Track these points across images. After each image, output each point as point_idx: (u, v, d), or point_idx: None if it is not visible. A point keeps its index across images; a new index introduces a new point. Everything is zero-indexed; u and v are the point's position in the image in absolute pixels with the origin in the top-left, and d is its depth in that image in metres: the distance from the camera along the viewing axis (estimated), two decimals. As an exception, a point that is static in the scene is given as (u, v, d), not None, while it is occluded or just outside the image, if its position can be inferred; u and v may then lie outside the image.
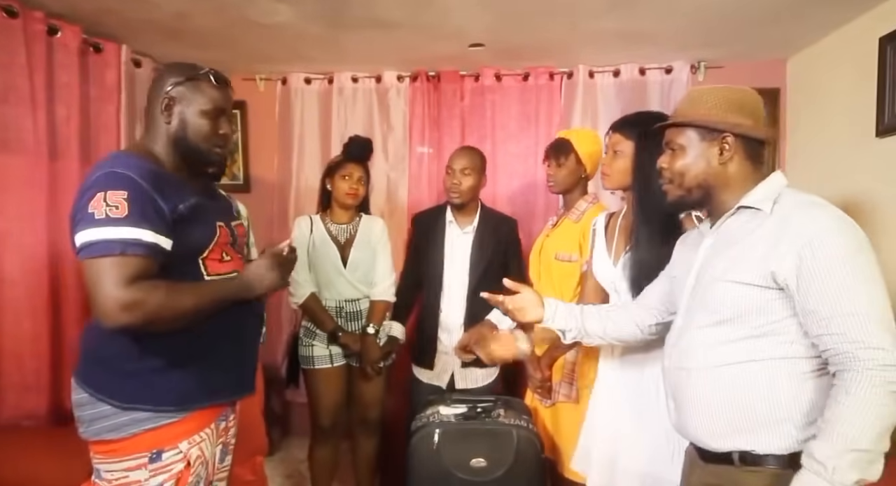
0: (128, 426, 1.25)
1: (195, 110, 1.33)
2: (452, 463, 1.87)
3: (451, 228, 2.32)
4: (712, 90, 1.24)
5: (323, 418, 2.34)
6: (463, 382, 2.28)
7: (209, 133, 1.35)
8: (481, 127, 3.07)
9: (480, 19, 2.35)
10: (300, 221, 2.37)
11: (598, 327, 1.49)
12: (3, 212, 2.13)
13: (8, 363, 2.14)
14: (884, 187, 2.18)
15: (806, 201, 1.13)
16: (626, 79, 2.94)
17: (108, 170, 1.21)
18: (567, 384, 1.97)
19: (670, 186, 1.27)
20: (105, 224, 1.16)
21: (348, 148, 2.36)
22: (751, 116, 1.20)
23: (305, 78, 3.11)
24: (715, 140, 1.20)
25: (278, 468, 2.92)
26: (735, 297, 1.13)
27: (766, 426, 1.12)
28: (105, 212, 1.16)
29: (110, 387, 1.26)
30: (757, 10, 2.24)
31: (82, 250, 1.17)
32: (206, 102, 1.34)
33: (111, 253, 1.15)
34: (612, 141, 1.66)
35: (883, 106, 2.16)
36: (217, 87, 1.36)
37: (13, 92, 2.12)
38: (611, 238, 1.72)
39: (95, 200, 1.17)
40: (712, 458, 1.20)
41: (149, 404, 1.26)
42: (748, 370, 1.13)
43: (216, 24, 2.40)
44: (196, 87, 1.34)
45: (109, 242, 1.16)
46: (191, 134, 1.33)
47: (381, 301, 2.38)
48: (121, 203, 1.17)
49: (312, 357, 2.32)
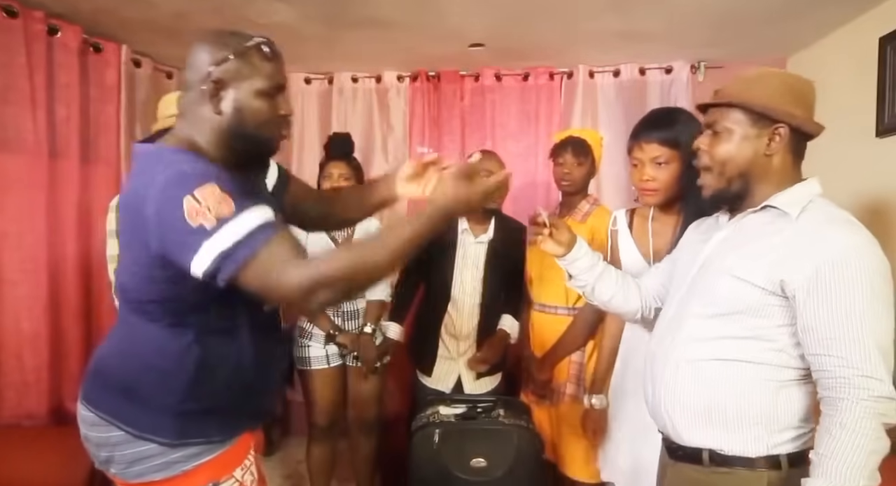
0: (179, 463, 1.11)
1: (250, 91, 1.08)
2: (452, 463, 1.87)
3: (465, 236, 2.23)
4: (771, 74, 1.15)
5: (320, 418, 2.33)
6: (470, 387, 2.23)
7: (271, 116, 1.11)
8: (481, 127, 3.07)
9: (480, 19, 2.35)
10: None
11: (607, 294, 1.43)
12: (3, 212, 2.13)
13: (8, 363, 2.14)
14: (884, 187, 2.18)
15: (839, 217, 1.08)
16: (626, 79, 2.93)
17: (176, 171, 0.98)
18: (573, 384, 1.97)
19: (709, 175, 1.17)
20: (219, 228, 0.94)
21: (328, 146, 2.36)
22: (806, 108, 1.13)
23: (305, 78, 3.11)
24: (766, 128, 1.11)
25: (277, 467, 2.92)
26: (735, 293, 1.10)
27: (738, 426, 1.11)
28: (212, 216, 0.93)
29: (156, 425, 1.09)
30: (757, 9, 2.24)
31: (222, 270, 0.95)
32: (262, 79, 1.08)
33: (253, 251, 0.95)
34: (649, 153, 1.53)
35: (883, 106, 2.16)
36: (271, 58, 1.11)
37: (13, 92, 2.12)
38: (641, 239, 1.67)
39: (188, 209, 0.93)
40: (682, 455, 1.19)
41: (201, 437, 1.12)
42: (730, 369, 1.12)
43: (216, 24, 2.39)
44: (247, 62, 1.07)
45: (242, 243, 0.94)
46: (250, 121, 1.09)
47: (378, 300, 2.37)
48: (217, 198, 0.94)
49: (308, 358, 2.30)
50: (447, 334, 2.26)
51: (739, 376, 1.11)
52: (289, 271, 0.95)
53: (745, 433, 1.10)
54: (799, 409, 1.11)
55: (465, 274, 2.23)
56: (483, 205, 1.17)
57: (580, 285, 1.44)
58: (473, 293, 2.23)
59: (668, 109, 1.77)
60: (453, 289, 2.24)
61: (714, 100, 1.17)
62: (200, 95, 1.07)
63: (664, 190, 1.55)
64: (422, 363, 2.29)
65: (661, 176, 1.53)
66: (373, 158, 3.12)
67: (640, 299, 1.44)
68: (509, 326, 2.23)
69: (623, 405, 1.69)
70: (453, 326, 2.24)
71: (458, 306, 2.24)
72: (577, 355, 1.97)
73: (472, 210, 1.13)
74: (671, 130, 1.53)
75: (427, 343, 2.27)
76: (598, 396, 1.74)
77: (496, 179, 1.12)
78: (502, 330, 2.22)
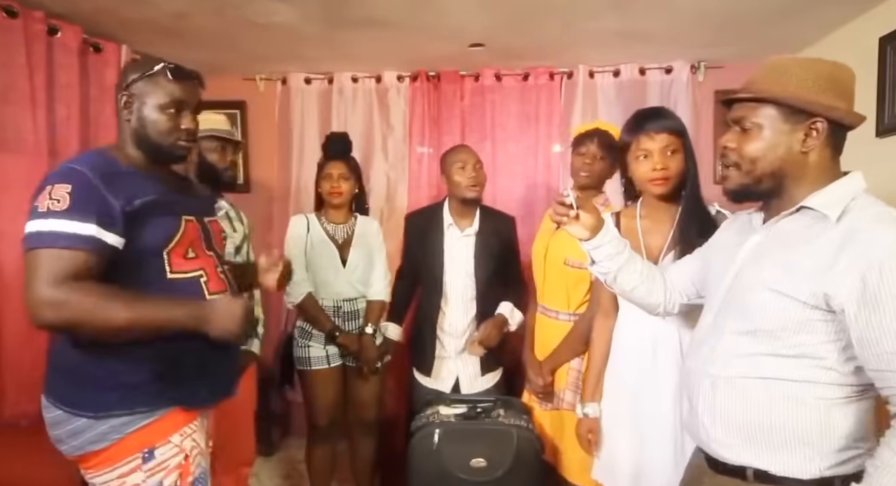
0: (110, 433, 1.23)
1: (152, 105, 1.31)
2: (452, 463, 1.87)
3: (451, 231, 2.24)
4: (802, 62, 1.03)
5: (320, 418, 2.33)
6: (469, 387, 2.23)
7: (169, 128, 1.32)
8: (481, 127, 3.07)
9: (480, 19, 2.35)
10: (295, 220, 2.36)
11: (630, 284, 1.36)
12: (3, 212, 2.13)
13: (8, 363, 2.14)
14: (884, 188, 2.17)
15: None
16: (625, 79, 2.94)
17: (64, 165, 1.23)
18: (572, 392, 1.95)
19: (734, 171, 1.08)
20: (45, 216, 1.16)
21: (326, 146, 2.35)
22: (844, 98, 1.02)
23: (305, 78, 3.11)
24: (801, 123, 1.01)
25: (277, 468, 2.92)
26: (776, 310, 1.01)
27: (787, 448, 1.02)
28: (47, 205, 1.16)
29: (82, 401, 1.23)
30: (757, 10, 2.24)
31: (24, 243, 1.19)
32: (162, 96, 1.31)
33: (46, 245, 1.15)
34: (660, 143, 1.52)
35: (883, 106, 2.16)
36: (175, 81, 1.32)
37: (13, 92, 2.12)
38: (631, 239, 1.61)
39: (43, 193, 1.18)
40: (724, 470, 1.11)
41: (124, 408, 1.23)
42: (774, 388, 1.03)
43: (216, 24, 2.40)
44: (153, 81, 1.31)
45: (45, 234, 1.16)
46: (150, 130, 1.32)
47: (378, 301, 2.38)
48: (63, 196, 1.16)
49: (309, 358, 2.30)
50: (443, 333, 2.25)
51: (785, 396, 1.02)
52: (42, 282, 1.15)
53: (793, 455, 1.02)
54: (854, 429, 1.01)
55: (455, 269, 2.23)
56: (233, 340, 1.29)
57: (602, 271, 1.37)
58: (465, 288, 2.22)
59: (658, 106, 1.76)
60: (445, 285, 2.23)
61: (742, 93, 1.07)
62: (120, 107, 1.34)
63: (673, 179, 1.55)
64: (421, 363, 2.28)
65: (672, 165, 1.53)
66: (373, 158, 3.12)
67: (663, 293, 1.38)
68: (507, 311, 2.21)
69: (621, 410, 1.67)
70: (448, 323, 2.24)
71: (450, 303, 2.23)
72: (576, 362, 1.94)
73: (222, 336, 1.25)
74: (675, 119, 1.56)
75: (425, 343, 2.26)
76: (591, 404, 1.72)
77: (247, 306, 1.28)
78: (500, 314, 2.20)
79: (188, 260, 1.32)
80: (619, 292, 1.42)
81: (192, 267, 1.32)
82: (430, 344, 2.25)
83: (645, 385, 1.60)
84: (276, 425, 3.12)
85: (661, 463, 1.57)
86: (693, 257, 1.38)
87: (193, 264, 1.33)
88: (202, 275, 1.33)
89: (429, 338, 2.25)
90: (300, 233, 2.30)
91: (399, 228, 3.11)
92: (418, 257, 2.31)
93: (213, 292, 1.34)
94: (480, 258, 2.21)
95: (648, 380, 1.59)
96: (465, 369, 2.23)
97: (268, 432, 2.93)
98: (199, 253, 1.35)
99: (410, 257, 2.39)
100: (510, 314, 2.21)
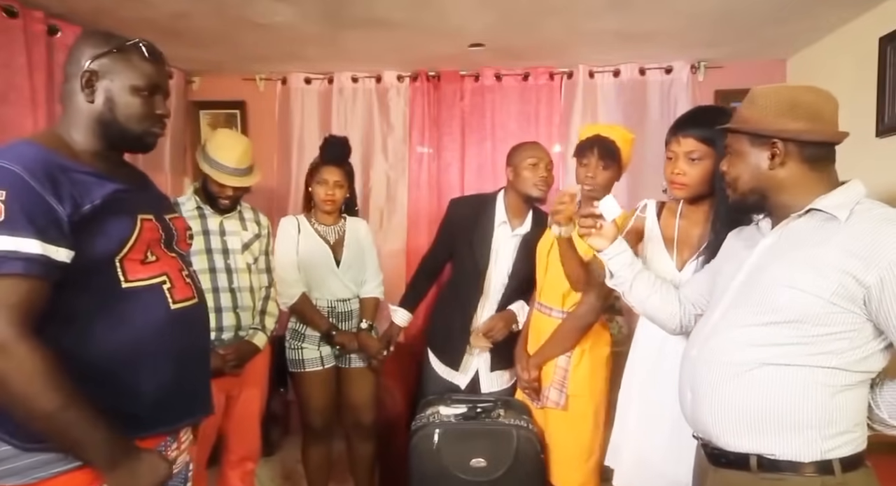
0: (33, 469, 1.01)
1: (124, 86, 1.13)
2: (452, 463, 1.87)
3: (503, 229, 2.16)
4: (768, 91, 1.18)
5: (315, 419, 2.30)
6: (488, 385, 2.21)
7: (143, 113, 1.15)
8: (481, 127, 3.07)
9: (480, 19, 2.35)
10: (285, 222, 2.32)
11: (644, 293, 1.43)
12: (3, 212, 2.12)
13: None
14: (884, 188, 2.17)
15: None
16: (626, 79, 2.94)
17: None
18: (556, 391, 1.93)
19: (730, 189, 1.24)
20: None
21: (324, 149, 2.26)
22: (806, 118, 1.13)
23: (305, 78, 3.11)
24: (765, 145, 1.15)
25: (277, 468, 2.92)
26: (797, 304, 1.08)
27: (792, 430, 1.08)
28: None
29: (8, 424, 1.00)
30: (757, 10, 2.24)
31: None
32: (137, 76, 1.13)
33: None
34: (685, 147, 1.54)
35: (883, 106, 2.16)
36: (150, 60, 1.16)
37: (13, 92, 2.12)
38: (667, 230, 1.66)
39: None
40: (726, 462, 1.15)
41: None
42: (782, 373, 1.09)
43: (215, 24, 2.40)
44: (125, 59, 1.13)
45: None
46: (120, 114, 1.13)
47: (372, 298, 2.37)
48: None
49: (302, 360, 2.27)
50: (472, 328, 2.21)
51: (792, 380, 1.09)
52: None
53: (797, 438, 1.08)
54: (854, 413, 1.09)
55: (499, 267, 2.18)
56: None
57: (619, 282, 1.45)
58: (501, 287, 2.19)
59: (712, 108, 1.78)
60: (487, 281, 2.18)
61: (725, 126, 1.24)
62: (77, 86, 1.12)
63: (693, 186, 1.55)
64: (449, 357, 2.23)
65: (692, 172, 1.55)
66: (373, 158, 3.12)
67: (677, 304, 1.43)
68: (518, 307, 2.19)
69: (633, 399, 1.69)
70: (480, 319, 2.20)
71: (488, 299, 2.20)
72: (563, 360, 1.94)
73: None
74: (709, 128, 1.53)
75: (453, 336, 2.20)
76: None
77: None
78: (509, 310, 2.18)
79: (146, 265, 1.13)
80: (635, 302, 1.48)
81: (152, 273, 1.14)
82: (461, 340, 2.19)
83: (654, 377, 1.62)
84: (276, 425, 3.12)
85: (663, 451, 1.58)
86: (703, 273, 1.43)
87: (153, 270, 1.14)
88: (165, 281, 1.16)
89: (461, 334, 2.19)
90: (291, 234, 2.28)
91: (399, 227, 3.14)
92: (458, 247, 2.23)
93: (178, 300, 1.17)
94: (520, 261, 2.17)
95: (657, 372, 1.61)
96: (486, 364, 2.21)
97: (267, 431, 2.92)
98: (159, 256, 1.17)
99: (447, 243, 2.29)
100: (520, 311, 2.20)
